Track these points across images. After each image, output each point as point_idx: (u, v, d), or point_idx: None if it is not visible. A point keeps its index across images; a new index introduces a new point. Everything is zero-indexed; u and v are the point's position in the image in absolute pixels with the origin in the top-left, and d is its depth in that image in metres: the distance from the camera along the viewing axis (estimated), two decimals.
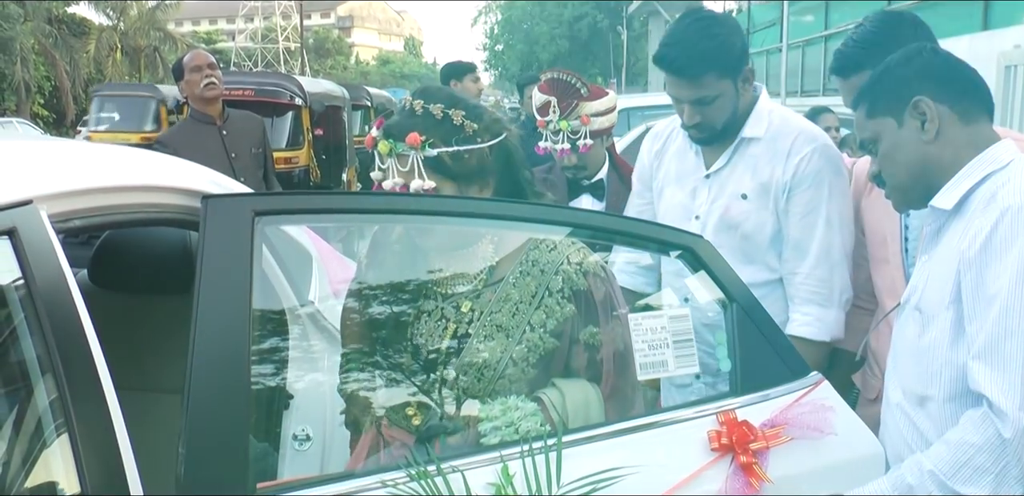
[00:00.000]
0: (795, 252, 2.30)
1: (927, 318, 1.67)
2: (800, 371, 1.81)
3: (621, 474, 1.46)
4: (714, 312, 1.84)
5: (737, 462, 1.62)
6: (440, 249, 1.88)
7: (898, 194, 1.79)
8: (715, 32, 2.24)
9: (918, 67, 1.71)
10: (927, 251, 1.77)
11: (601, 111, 2.83)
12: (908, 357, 1.74)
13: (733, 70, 2.26)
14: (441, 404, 1.76)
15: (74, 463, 1.14)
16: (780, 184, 2.29)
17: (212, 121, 4.29)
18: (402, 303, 1.86)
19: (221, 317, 1.33)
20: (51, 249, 1.25)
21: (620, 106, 11.48)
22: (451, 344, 1.78)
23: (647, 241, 1.91)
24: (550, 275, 1.79)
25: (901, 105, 1.70)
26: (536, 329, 1.76)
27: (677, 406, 1.80)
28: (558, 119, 2.79)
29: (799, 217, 2.29)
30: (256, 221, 1.42)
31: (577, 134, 2.81)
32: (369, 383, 1.88)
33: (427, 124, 1.79)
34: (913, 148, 1.70)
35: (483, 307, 1.79)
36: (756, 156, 2.33)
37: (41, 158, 1.53)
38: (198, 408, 1.28)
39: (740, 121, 2.34)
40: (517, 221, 1.74)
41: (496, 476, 1.43)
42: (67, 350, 1.18)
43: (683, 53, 2.23)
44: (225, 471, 1.28)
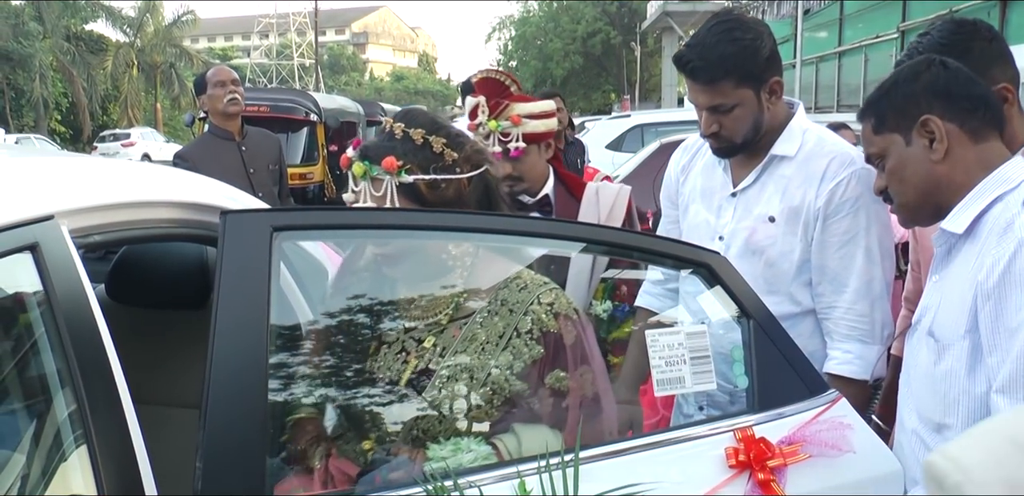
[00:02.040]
0: (833, 285, 2.14)
1: (942, 346, 1.64)
2: (818, 388, 1.80)
3: (639, 490, 1.45)
4: (728, 331, 1.83)
5: (755, 479, 1.61)
6: (407, 279, 1.81)
7: (906, 212, 1.76)
8: (737, 36, 2.09)
9: (926, 83, 1.67)
10: (937, 271, 1.74)
11: (535, 113, 2.56)
12: (923, 383, 1.72)
13: (755, 79, 2.10)
14: (395, 440, 1.68)
15: (93, 476, 1.14)
16: (812, 210, 2.13)
17: (231, 137, 4.31)
18: (364, 332, 1.79)
19: (239, 332, 1.34)
20: (72, 264, 1.25)
21: (634, 122, 11.51)
22: (411, 379, 1.70)
23: (662, 257, 1.90)
24: (519, 315, 1.70)
25: (908, 122, 1.67)
26: (503, 370, 1.67)
27: (694, 422, 1.79)
28: (486, 120, 2.53)
29: (836, 247, 2.13)
30: (274, 236, 1.42)
31: (508, 137, 2.53)
32: (322, 413, 1.79)
33: (405, 149, 1.75)
34: (921, 167, 1.67)
35: (447, 344, 1.71)
36: (787, 177, 2.17)
37: (61, 173, 1.54)
38: (216, 423, 1.28)
39: (770, 137, 2.18)
40: (532, 237, 1.74)
41: (513, 491, 1.42)
42: (87, 364, 1.18)
43: (700, 56, 2.10)
44: (242, 486, 1.28)
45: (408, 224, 1.63)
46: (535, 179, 2.60)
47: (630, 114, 13.09)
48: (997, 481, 0.72)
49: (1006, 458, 0.74)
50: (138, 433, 1.23)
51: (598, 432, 1.73)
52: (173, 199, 1.66)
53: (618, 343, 2.41)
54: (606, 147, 10.22)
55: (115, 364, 1.23)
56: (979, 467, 0.74)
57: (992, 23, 8.77)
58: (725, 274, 1.80)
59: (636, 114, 13.01)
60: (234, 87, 4.27)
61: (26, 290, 1.21)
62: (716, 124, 2.14)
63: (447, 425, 1.65)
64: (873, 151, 1.75)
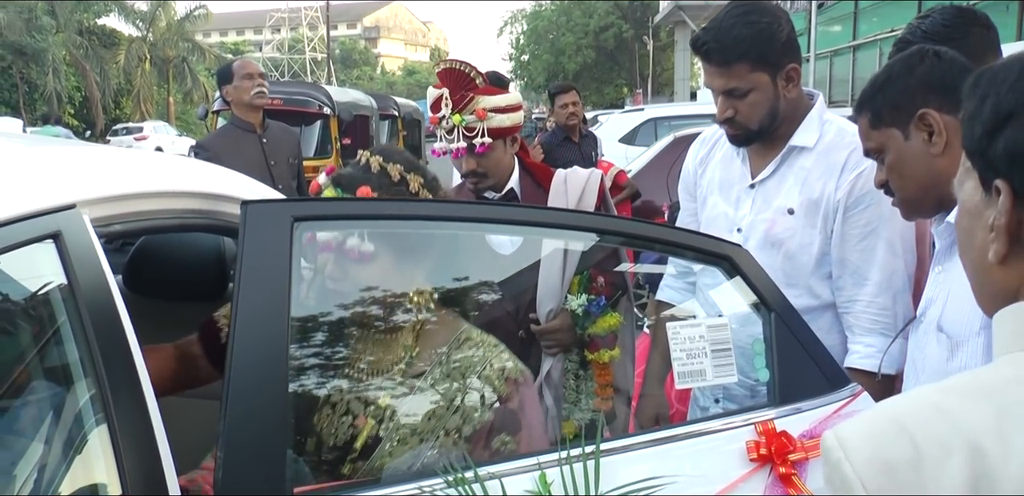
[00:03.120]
0: (854, 278, 2.11)
1: (956, 343, 1.62)
2: (839, 381, 1.79)
3: (660, 483, 1.45)
4: (746, 324, 1.82)
5: (776, 473, 1.61)
6: (361, 329, 1.78)
7: (906, 205, 1.75)
8: (753, 19, 2.07)
9: (921, 76, 1.66)
10: (940, 263, 1.73)
11: (501, 107, 2.45)
12: (935, 379, 1.68)
13: (770, 64, 2.08)
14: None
15: (115, 464, 1.14)
16: (832, 202, 2.11)
17: (253, 129, 4.33)
18: (310, 387, 1.73)
19: (260, 321, 1.33)
20: (94, 252, 1.25)
21: (647, 116, 11.49)
22: (355, 441, 1.65)
23: (683, 249, 1.89)
24: (472, 378, 1.69)
25: (905, 117, 1.66)
26: (451, 434, 1.64)
27: (714, 416, 1.78)
28: (450, 113, 2.43)
29: (857, 240, 2.10)
30: (295, 226, 1.41)
31: (473, 131, 2.42)
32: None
33: (381, 182, 1.75)
34: (921, 161, 1.66)
35: (396, 405, 1.68)
36: (806, 169, 2.15)
37: (82, 163, 1.54)
38: (236, 413, 1.28)
39: (788, 127, 2.16)
40: (553, 229, 1.73)
41: (534, 484, 1.41)
42: (109, 352, 1.18)
43: (715, 38, 2.08)
44: (263, 476, 1.27)
45: (429, 215, 1.62)
46: (501, 174, 2.52)
47: (643, 108, 13.06)
48: (871, 461, 0.75)
49: (885, 438, 0.76)
50: (160, 422, 1.22)
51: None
52: (192, 189, 1.65)
53: (595, 339, 2.34)
54: (619, 141, 10.20)
55: (137, 353, 1.23)
56: (859, 447, 0.77)
57: (1011, 19, 8.69)
58: (746, 266, 1.79)
59: (649, 108, 12.98)
60: (261, 80, 4.31)
61: (49, 278, 1.21)
62: (731, 109, 2.12)
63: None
64: (871, 146, 1.73)
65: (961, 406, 0.77)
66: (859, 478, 0.75)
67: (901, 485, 0.74)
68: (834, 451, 0.77)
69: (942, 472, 0.73)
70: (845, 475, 0.76)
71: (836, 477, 0.77)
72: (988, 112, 0.86)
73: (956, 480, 0.73)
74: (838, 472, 0.76)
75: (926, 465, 0.74)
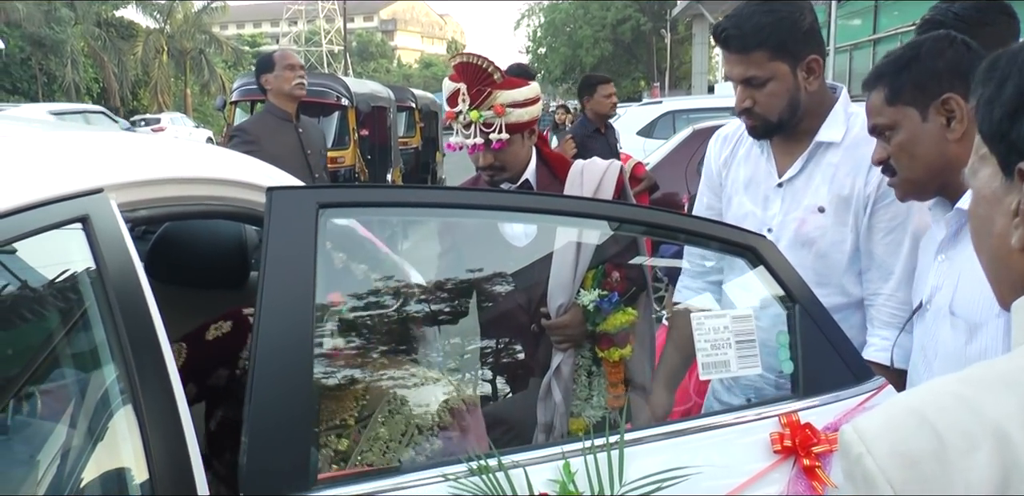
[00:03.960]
0: (879, 272, 2.09)
1: (973, 326, 1.62)
2: (864, 374, 1.77)
3: (685, 474, 1.44)
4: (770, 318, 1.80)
5: (800, 465, 1.59)
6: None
7: (908, 186, 1.76)
8: (775, 8, 2.04)
9: (950, 61, 1.66)
10: (944, 251, 1.73)
11: (519, 102, 2.43)
12: (953, 363, 1.69)
13: (790, 53, 2.05)
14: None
15: (142, 448, 1.14)
16: (862, 198, 2.07)
17: (290, 118, 4.43)
18: (334, 373, 1.77)
19: (285, 307, 1.33)
20: (121, 236, 1.25)
21: (666, 109, 11.45)
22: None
23: (709, 240, 1.87)
24: (420, 414, 1.72)
25: (927, 98, 1.66)
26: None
27: (739, 407, 1.77)
28: (468, 109, 2.41)
29: (883, 234, 2.07)
30: (320, 213, 1.41)
31: (491, 127, 2.40)
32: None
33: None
34: (935, 144, 1.67)
35: (351, 448, 1.68)
36: (834, 165, 2.11)
37: (109, 148, 1.54)
38: (261, 398, 1.28)
39: (812, 122, 2.13)
40: (582, 218, 1.72)
41: (558, 473, 1.41)
42: (136, 335, 1.18)
43: (735, 25, 2.06)
44: (287, 461, 1.27)
45: (453, 203, 1.61)
46: (517, 167, 2.51)
47: (661, 100, 12.99)
48: (893, 454, 0.73)
49: (906, 431, 0.74)
50: (185, 406, 1.22)
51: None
52: (217, 176, 1.65)
53: (606, 336, 2.31)
54: (637, 133, 10.17)
55: (163, 336, 1.23)
56: (880, 439, 0.74)
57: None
58: (770, 257, 1.77)
59: (668, 100, 12.92)
60: (301, 72, 4.42)
61: (77, 261, 1.21)
62: (750, 99, 2.10)
63: None
64: (882, 122, 1.73)
65: (983, 396, 0.75)
66: (882, 472, 0.72)
67: (926, 478, 0.71)
68: (854, 445, 0.75)
69: (969, 463, 0.71)
70: (867, 469, 0.73)
71: (857, 472, 0.74)
72: (1010, 94, 0.85)
73: (985, 471, 0.70)
74: (859, 467, 0.74)
75: (951, 457, 0.71)
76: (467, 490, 1.35)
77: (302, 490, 1.27)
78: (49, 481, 1.18)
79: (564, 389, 2.30)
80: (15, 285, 1.21)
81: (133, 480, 1.17)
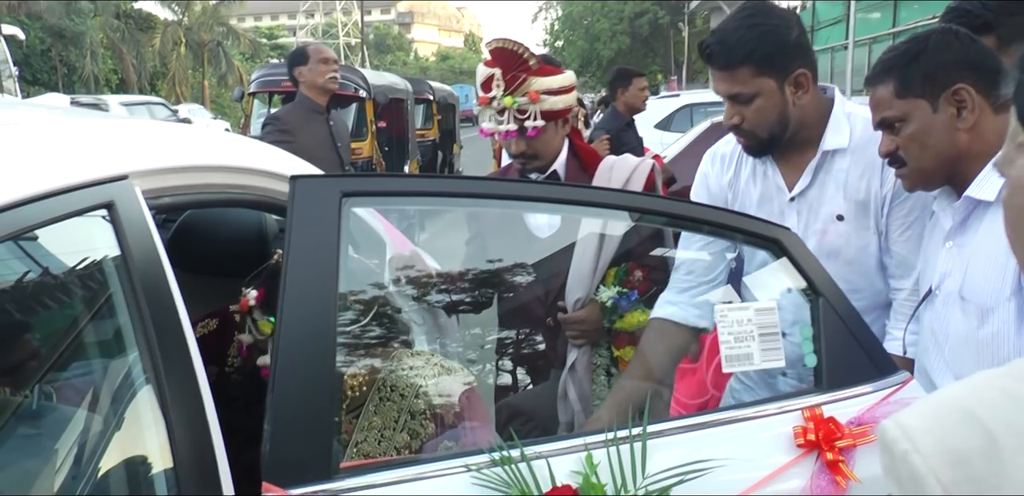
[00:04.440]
0: (900, 269, 2.06)
1: (984, 310, 1.66)
2: (888, 368, 1.75)
3: (707, 467, 1.43)
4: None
5: (823, 459, 1.58)
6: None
7: (918, 176, 1.79)
8: (758, 21, 1.98)
9: (957, 52, 1.70)
10: (952, 238, 1.76)
11: (554, 89, 2.39)
12: (964, 347, 1.72)
13: (776, 68, 1.98)
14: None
15: (166, 434, 1.14)
16: (879, 199, 2.03)
17: (321, 110, 4.50)
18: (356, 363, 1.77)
19: (308, 295, 1.33)
20: (145, 223, 1.26)
21: (683, 102, 11.40)
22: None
23: (732, 231, 1.86)
24: (411, 399, 1.72)
25: (938, 89, 1.69)
26: (402, 452, 1.68)
27: (761, 400, 1.75)
28: (502, 95, 2.36)
29: (900, 231, 2.04)
30: (343, 202, 1.40)
31: (525, 114, 2.36)
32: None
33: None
34: (946, 134, 1.71)
35: (344, 440, 1.68)
36: (845, 171, 2.05)
37: (133, 136, 1.54)
38: (284, 387, 1.27)
39: (813, 131, 2.07)
40: (604, 208, 1.71)
41: (580, 465, 1.40)
42: (160, 321, 1.18)
43: (719, 40, 2.00)
44: (310, 449, 1.27)
45: (476, 192, 1.60)
46: (549, 156, 2.47)
47: (679, 94, 12.96)
48: (942, 452, 0.68)
49: (954, 428, 0.70)
50: (208, 392, 1.22)
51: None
52: (239, 165, 1.66)
53: (622, 334, 2.28)
54: (655, 127, 10.12)
55: (186, 323, 1.23)
56: (926, 436, 0.70)
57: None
58: (795, 249, 1.76)
59: (685, 94, 12.88)
60: (335, 66, 4.50)
61: (102, 247, 1.21)
62: (738, 116, 2.03)
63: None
64: (892, 114, 1.76)
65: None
66: (932, 471, 0.68)
67: (977, 478, 0.67)
68: (899, 443, 0.70)
69: (1022, 462, 0.67)
70: (915, 468, 0.69)
71: (903, 471, 0.70)
72: None
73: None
74: (906, 465, 0.69)
75: (1004, 455, 0.67)
76: (489, 481, 1.35)
77: (324, 479, 1.27)
78: (72, 464, 1.18)
79: (579, 388, 2.28)
80: (41, 271, 1.21)
81: (156, 464, 1.17)
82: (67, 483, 1.14)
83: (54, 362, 1.22)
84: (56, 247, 1.21)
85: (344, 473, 1.30)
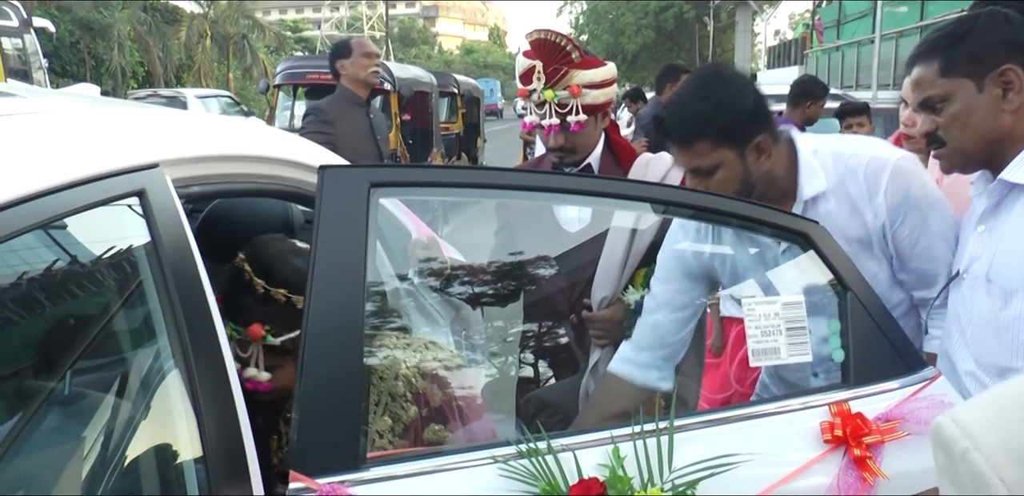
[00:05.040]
0: (922, 281, 2.00)
1: (1008, 292, 1.66)
2: (916, 364, 1.74)
3: (735, 461, 1.42)
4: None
5: (850, 455, 1.57)
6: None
7: (958, 156, 1.76)
8: (710, 93, 1.89)
9: (1007, 34, 1.67)
10: (984, 222, 1.75)
11: (596, 82, 2.33)
12: (985, 329, 1.72)
13: (735, 138, 1.90)
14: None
15: (196, 423, 1.15)
16: (878, 228, 1.96)
17: (362, 103, 4.59)
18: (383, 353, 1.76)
19: (336, 285, 1.33)
20: (175, 211, 1.26)
21: None
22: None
23: (758, 224, 1.84)
24: (391, 381, 1.70)
25: (984, 70, 1.67)
26: (384, 435, 1.65)
27: (788, 395, 1.74)
28: (543, 88, 2.31)
29: (911, 248, 1.97)
30: (372, 192, 1.40)
31: (566, 107, 2.31)
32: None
33: (267, 310, 1.68)
34: (990, 115, 1.69)
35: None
36: (832, 211, 1.96)
37: (164, 125, 1.55)
38: (312, 376, 1.28)
39: (785, 184, 1.99)
40: (634, 201, 1.70)
41: (607, 457, 1.39)
42: (190, 309, 1.19)
43: (672, 115, 1.92)
44: (337, 438, 1.27)
45: (504, 183, 1.60)
46: (587, 150, 2.43)
47: None
48: (1005, 450, 0.65)
49: (1015, 426, 0.67)
50: (236, 380, 1.23)
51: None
52: (268, 155, 1.66)
53: None
54: None
55: (215, 310, 1.24)
56: (987, 434, 0.67)
57: None
58: (823, 243, 1.74)
59: None
60: (377, 61, 4.60)
61: (133, 235, 1.22)
62: (701, 186, 1.95)
63: None
64: (936, 93, 1.73)
65: None
66: (995, 470, 0.65)
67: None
68: (958, 441, 0.67)
69: None
70: (977, 468, 0.66)
71: (963, 471, 0.66)
72: None
73: None
74: (966, 464, 0.66)
75: None
76: (516, 472, 1.35)
77: (351, 468, 1.27)
78: (101, 450, 1.19)
79: None
80: (73, 258, 1.22)
81: (185, 451, 1.18)
82: (97, 468, 1.15)
83: (85, 349, 1.23)
84: (87, 234, 1.22)
85: (371, 463, 1.31)
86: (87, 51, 30.90)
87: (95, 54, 31.35)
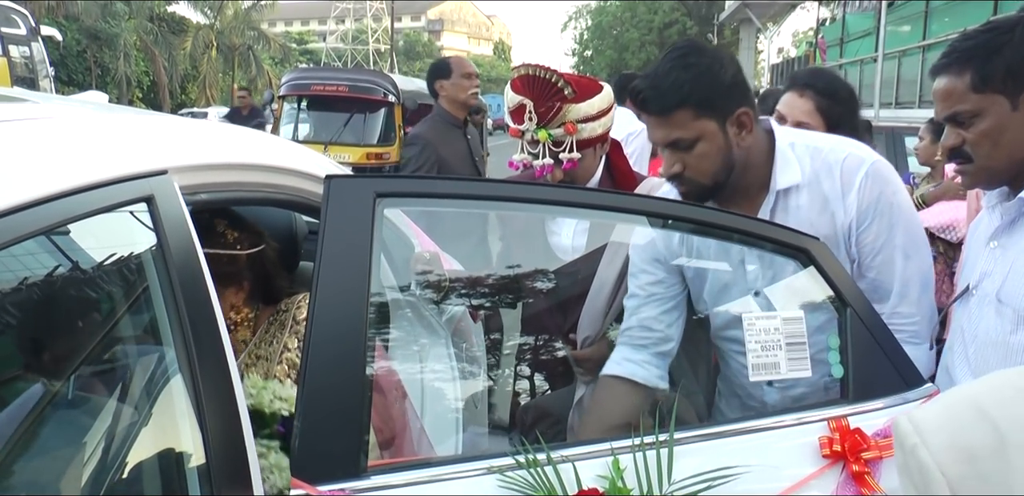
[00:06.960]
0: (877, 293, 1.93)
1: (1021, 316, 1.61)
2: (914, 380, 1.74)
3: (734, 474, 1.43)
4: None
5: (849, 471, 1.57)
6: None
7: (984, 174, 1.69)
8: (692, 61, 1.81)
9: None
10: (997, 238, 1.71)
11: (592, 115, 2.22)
12: (992, 350, 1.70)
13: (716, 108, 1.83)
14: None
15: (199, 427, 1.15)
16: (845, 227, 1.91)
17: (460, 124, 4.40)
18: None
19: (340, 295, 1.34)
20: (183, 217, 1.27)
21: None
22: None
23: (759, 240, 1.85)
24: (285, 334, 1.89)
25: (1020, 86, 1.59)
26: (282, 379, 1.80)
27: (787, 409, 1.75)
28: (535, 128, 2.20)
29: (872, 256, 1.93)
30: (377, 202, 1.41)
31: (561, 145, 2.21)
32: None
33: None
34: (1022, 134, 1.61)
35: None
36: (803, 206, 1.91)
37: (172, 132, 1.56)
38: (315, 384, 1.28)
39: (760, 171, 1.93)
40: (635, 214, 1.71)
41: (607, 469, 1.40)
42: (195, 316, 1.20)
43: (652, 85, 1.82)
44: (339, 446, 1.28)
45: (509, 196, 1.61)
46: (585, 179, 2.34)
47: None
48: (952, 447, 0.70)
49: (966, 425, 0.70)
50: (240, 387, 1.24)
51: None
52: (273, 164, 1.67)
53: None
54: None
55: (219, 316, 1.24)
56: (937, 432, 0.71)
57: None
58: (823, 259, 1.75)
59: None
60: (476, 81, 4.40)
61: (140, 240, 1.23)
62: (679, 164, 1.87)
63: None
64: (967, 109, 1.64)
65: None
66: (937, 465, 0.69)
67: (983, 474, 0.68)
68: (909, 437, 0.72)
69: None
70: (922, 461, 0.70)
71: (912, 464, 0.71)
72: None
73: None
74: (914, 458, 0.71)
75: (1011, 453, 0.68)
76: (515, 483, 1.35)
77: (353, 476, 1.27)
78: (104, 453, 1.20)
79: None
80: (80, 263, 1.23)
81: (188, 455, 1.18)
82: (100, 472, 1.16)
83: (90, 353, 1.24)
84: (95, 240, 1.23)
85: (372, 471, 1.31)
86: (93, 60, 31.07)
87: (101, 63, 31.53)
